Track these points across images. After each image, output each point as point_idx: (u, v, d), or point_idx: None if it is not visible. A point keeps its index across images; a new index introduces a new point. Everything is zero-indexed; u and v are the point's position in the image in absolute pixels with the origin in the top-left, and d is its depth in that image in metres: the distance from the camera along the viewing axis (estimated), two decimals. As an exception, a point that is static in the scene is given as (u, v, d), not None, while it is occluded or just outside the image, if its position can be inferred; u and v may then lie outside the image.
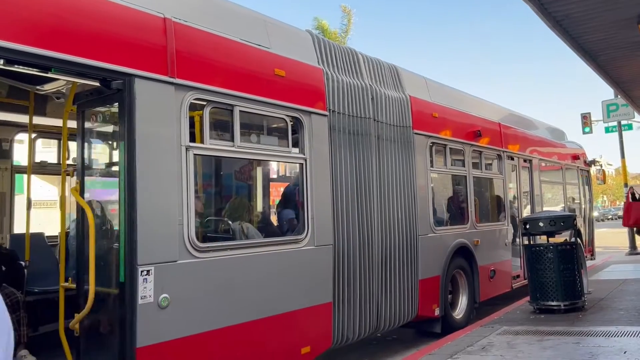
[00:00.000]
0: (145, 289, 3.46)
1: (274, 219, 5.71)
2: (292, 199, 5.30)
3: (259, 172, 6.18)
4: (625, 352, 4.91)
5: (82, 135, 3.96)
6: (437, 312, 6.54)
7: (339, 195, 5.14)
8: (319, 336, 4.83)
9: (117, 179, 3.54)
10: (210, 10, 4.38)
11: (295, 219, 5.13)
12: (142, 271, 3.45)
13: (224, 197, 5.71)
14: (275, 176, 7.02)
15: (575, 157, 12.64)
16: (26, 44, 3.07)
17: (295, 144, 4.86)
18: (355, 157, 5.40)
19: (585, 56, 8.33)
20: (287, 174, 6.71)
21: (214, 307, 3.93)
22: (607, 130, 20.55)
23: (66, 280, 4.04)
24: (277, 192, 6.19)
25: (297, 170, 5.03)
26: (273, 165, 6.73)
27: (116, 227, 3.52)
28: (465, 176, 7.60)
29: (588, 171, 13.52)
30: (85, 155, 3.98)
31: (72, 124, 4.07)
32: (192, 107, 3.96)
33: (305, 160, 4.84)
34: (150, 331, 3.49)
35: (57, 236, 5.54)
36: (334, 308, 4.97)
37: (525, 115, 10.80)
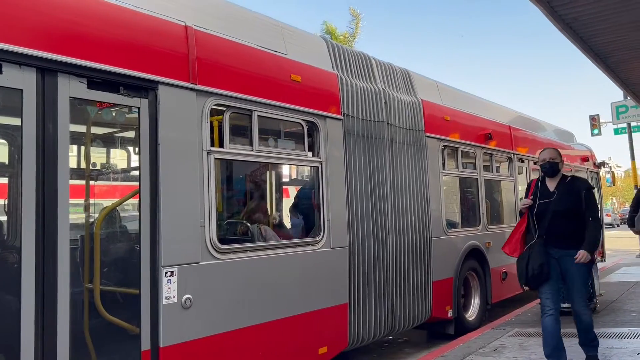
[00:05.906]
0: (170, 290, 3.56)
1: (290, 221, 5.80)
2: (308, 202, 5.39)
3: (276, 175, 6.27)
4: (638, 354, 4.95)
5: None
6: (450, 313, 6.60)
7: (354, 198, 5.22)
8: (335, 337, 4.91)
9: (141, 182, 3.63)
10: (229, 17, 4.48)
11: (311, 221, 5.20)
12: (166, 272, 3.55)
13: (242, 200, 5.80)
14: (292, 179, 7.11)
15: (585, 159, 12.65)
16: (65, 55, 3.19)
17: (310, 148, 4.94)
18: (369, 161, 5.48)
19: (595, 58, 8.34)
20: (303, 177, 6.79)
21: (234, 307, 4.02)
22: (616, 132, 20.59)
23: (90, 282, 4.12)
24: (293, 195, 6.26)
25: (313, 173, 5.12)
26: (290, 169, 6.81)
27: (140, 230, 3.60)
28: (477, 179, 7.66)
29: (597, 173, 13.51)
30: (112, 160, 4.08)
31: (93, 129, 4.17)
32: (212, 113, 4.06)
33: (321, 163, 4.92)
34: (174, 331, 3.59)
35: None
36: (350, 309, 5.05)
37: (534, 118, 10.85)
